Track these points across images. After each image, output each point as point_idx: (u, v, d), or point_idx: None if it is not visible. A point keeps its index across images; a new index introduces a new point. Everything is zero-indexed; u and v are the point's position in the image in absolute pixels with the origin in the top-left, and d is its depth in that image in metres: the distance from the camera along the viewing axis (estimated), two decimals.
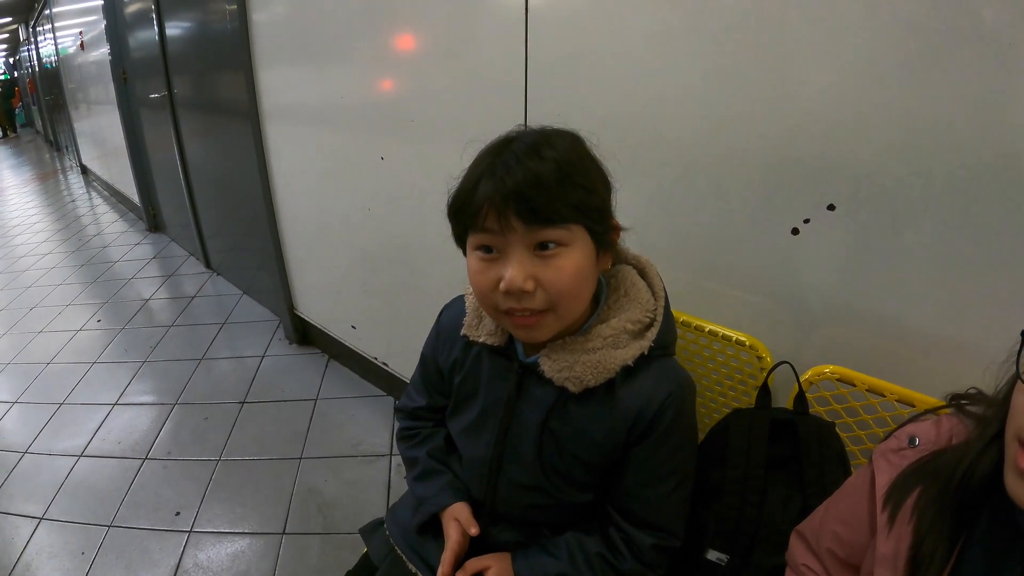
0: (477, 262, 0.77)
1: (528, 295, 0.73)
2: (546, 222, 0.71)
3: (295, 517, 1.85)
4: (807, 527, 0.82)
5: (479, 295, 0.79)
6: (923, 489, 0.62)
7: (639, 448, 0.83)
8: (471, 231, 0.75)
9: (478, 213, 0.72)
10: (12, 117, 16.70)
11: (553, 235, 0.72)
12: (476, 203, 0.72)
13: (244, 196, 2.89)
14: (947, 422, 0.67)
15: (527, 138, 0.75)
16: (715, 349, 1.12)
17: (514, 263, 0.72)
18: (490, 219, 0.72)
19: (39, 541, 1.83)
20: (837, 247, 1.01)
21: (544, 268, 0.73)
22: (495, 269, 0.74)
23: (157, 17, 3.37)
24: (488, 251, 0.75)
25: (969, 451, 0.60)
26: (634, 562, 0.87)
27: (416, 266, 1.97)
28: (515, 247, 0.73)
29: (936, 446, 0.65)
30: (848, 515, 0.74)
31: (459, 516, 0.94)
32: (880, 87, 0.90)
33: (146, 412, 2.46)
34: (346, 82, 1.94)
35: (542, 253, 0.73)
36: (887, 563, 0.64)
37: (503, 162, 0.72)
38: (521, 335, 0.81)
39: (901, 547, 0.62)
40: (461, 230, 0.78)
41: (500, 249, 0.74)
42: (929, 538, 0.60)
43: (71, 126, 8.26)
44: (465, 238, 0.78)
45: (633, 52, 1.16)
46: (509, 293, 0.73)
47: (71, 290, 3.91)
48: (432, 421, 1.06)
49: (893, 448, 0.69)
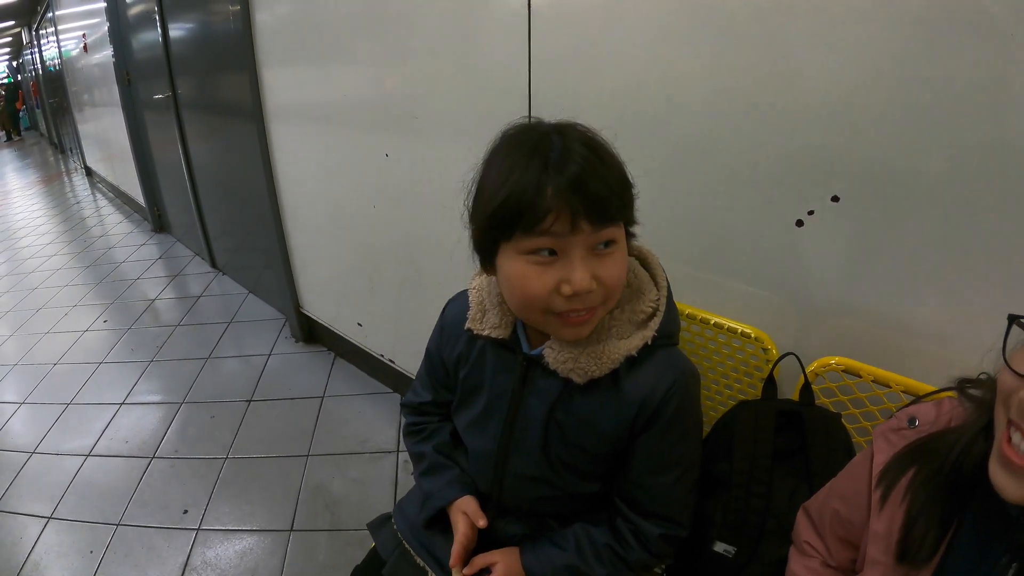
0: (529, 267, 0.73)
1: (590, 295, 0.73)
2: (608, 221, 0.72)
3: (303, 514, 1.86)
4: (813, 504, 0.83)
5: (527, 300, 0.75)
6: (917, 470, 0.63)
7: (644, 438, 0.83)
8: (525, 236, 0.71)
9: (544, 218, 0.69)
10: (16, 120, 16.75)
11: (611, 234, 0.73)
12: (544, 207, 0.68)
13: (249, 195, 2.90)
14: (948, 404, 0.67)
15: (571, 136, 0.72)
16: (720, 342, 1.12)
17: (581, 266, 0.71)
18: (557, 222, 0.69)
19: (47, 540, 1.84)
20: (841, 238, 1.01)
21: (601, 266, 0.73)
22: (552, 272, 0.72)
23: (160, 18, 3.38)
24: (552, 254, 0.72)
25: (963, 435, 0.60)
26: (642, 552, 0.87)
27: (421, 263, 1.97)
28: (577, 248, 0.71)
29: (935, 427, 0.66)
30: (848, 493, 0.75)
31: (466, 509, 0.94)
32: (883, 78, 0.90)
33: (153, 411, 2.47)
34: (350, 80, 1.94)
35: (600, 251, 0.73)
36: (879, 540, 0.64)
37: (562, 163, 0.69)
38: (571, 334, 0.78)
39: (893, 527, 0.63)
40: (504, 235, 0.74)
41: (560, 251, 0.72)
42: (920, 521, 0.60)
43: (75, 128, 8.28)
44: (498, 244, 0.75)
45: (635, 46, 1.16)
46: (576, 295, 0.72)
47: (77, 291, 3.93)
48: (438, 416, 1.06)
49: (893, 428, 0.70)
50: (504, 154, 0.74)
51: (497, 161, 0.75)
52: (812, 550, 0.80)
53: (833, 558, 0.78)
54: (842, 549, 0.77)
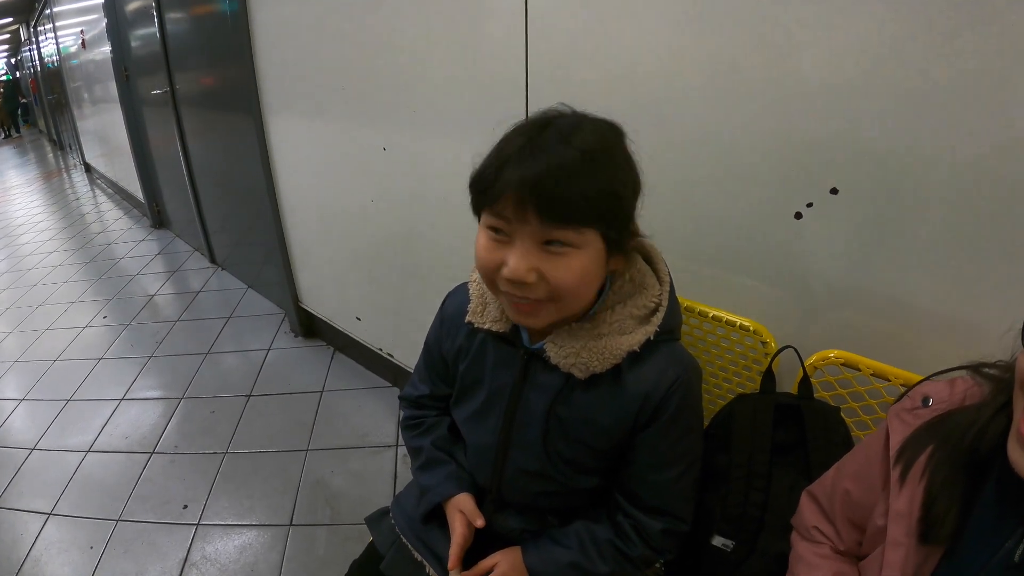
0: (486, 239, 0.76)
1: (529, 286, 0.73)
2: (562, 222, 0.70)
3: (302, 509, 1.86)
4: (819, 488, 0.82)
5: (482, 269, 0.78)
6: (935, 448, 0.62)
7: (646, 433, 0.83)
8: (488, 211, 0.74)
9: (498, 199, 0.71)
10: (15, 118, 16.72)
11: (563, 236, 0.71)
12: (497, 189, 0.70)
13: (248, 190, 2.89)
14: (962, 384, 0.67)
15: (562, 124, 0.72)
16: (719, 335, 1.11)
17: (519, 254, 0.72)
18: (508, 208, 0.70)
19: (48, 536, 1.85)
20: (840, 231, 1.01)
21: (549, 263, 0.72)
22: (501, 251, 0.74)
23: (158, 13, 3.37)
24: (498, 232, 0.74)
25: (982, 414, 0.60)
26: (644, 548, 0.87)
27: (420, 256, 1.96)
28: (523, 238, 0.72)
29: (950, 406, 0.65)
30: (861, 474, 0.74)
31: (463, 507, 0.94)
32: (882, 69, 0.89)
33: (153, 407, 2.47)
34: (347, 72, 1.93)
35: (550, 249, 0.72)
36: (902, 519, 0.63)
37: (532, 149, 0.69)
38: (518, 319, 0.81)
39: (914, 506, 0.62)
40: (477, 205, 0.77)
41: (510, 234, 0.73)
42: (941, 498, 0.60)
43: (74, 125, 8.26)
44: (480, 211, 0.77)
45: (634, 39, 1.15)
46: (511, 282, 0.73)
47: (77, 287, 3.93)
48: (436, 410, 1.06)
49: (907, 408, 0.69)
50: (511, 129, 0.76)
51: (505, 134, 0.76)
52: (821, 535, 0.79)
53: (843, 542, 0.77)
54: (852, 532, 0.76)
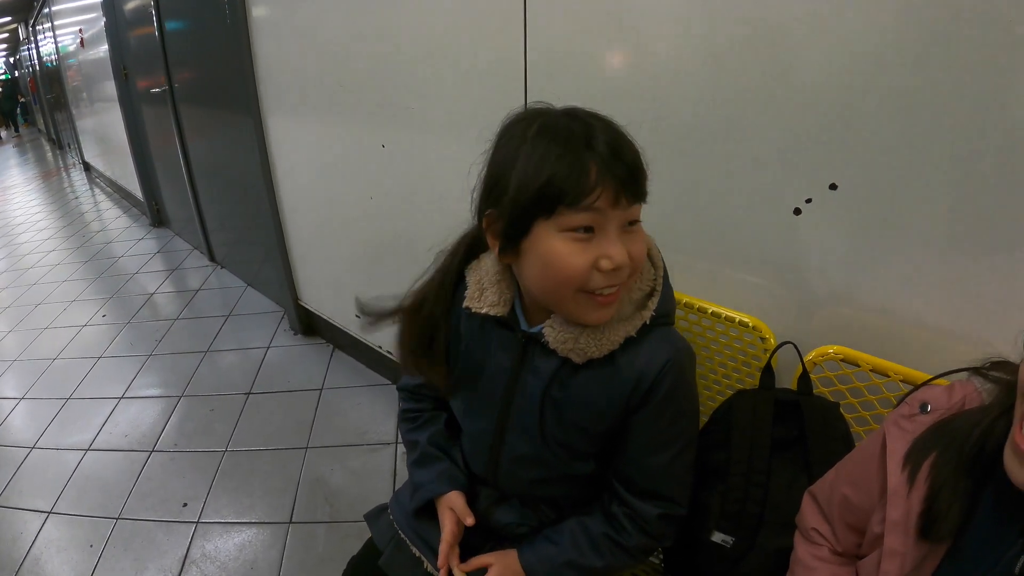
0: (571, 244, 0.73)
1: (622, 270, 0.74)
2: (641, 199, 0.75)
3: (301, 506, 1.86)
4: (820, 489, 0.82)
5: (565, 279, 0.74)
6: (940, 449, 0.62)
7: (639, 416, 0.83)
8: (570, 210, 0.71)
9: (590, 192, 0.70)
10: (14, 118, 16.70)
11: (639, 212, 0.76)
12: (590, 183, 0.70)
13: (247, 188, 2.89)
14: (960, 389, 0.67)
15: (584, 112, 0.76)
16: (718, 331, 1.11)
17: (616, 241, 0.73)
18: (602, 199, 0.71)
19: (48, 535, 1.85)
20: (839, 227, 1.00)
21: (631, 243, 0.75)
22: (591, 250, 0.73)
23: (156, 12, 3.36)
24: (589, 231, 0.73)
25: (985, 416, 0.60)
26: (640, 536, 0.87)
27: (419, 253, 1.95)
28: (614, 225, 0.73)
29: (949, 412, 0.65)
30: (858, 479, 0.74)
31: (454, 506, 0.95)
32: (881, 67, 0.89)
33: (152, 405, 2.47)
34: (345, 69, 1.93)
35: (629, 229, 0.75)
36: (898, 528, 0.63)
37: (604, 143, 0.72)
38: (600, 315, 0.78)
39: (916, 503, 0.62)
40: (546, 213, 0.73)
41: (597, 228, 0.73)
42: (944, 492, 0.60)
43: (73, 124, 8.26)
44: (531, 225, 0.74)
45: (631, 33, 1.15)
46: (615, 271, 0.73)
47: (76, 286, 3.92)
48: (433, 401, 1.06)
49: (905, 415, 0.69)
50: (533, 141, 0.74)
51: (524, 148, 0.74)
52: (819, 537, 0.80)
53: (840, 544, 0.77)
54: (849, 534, 0.76)
